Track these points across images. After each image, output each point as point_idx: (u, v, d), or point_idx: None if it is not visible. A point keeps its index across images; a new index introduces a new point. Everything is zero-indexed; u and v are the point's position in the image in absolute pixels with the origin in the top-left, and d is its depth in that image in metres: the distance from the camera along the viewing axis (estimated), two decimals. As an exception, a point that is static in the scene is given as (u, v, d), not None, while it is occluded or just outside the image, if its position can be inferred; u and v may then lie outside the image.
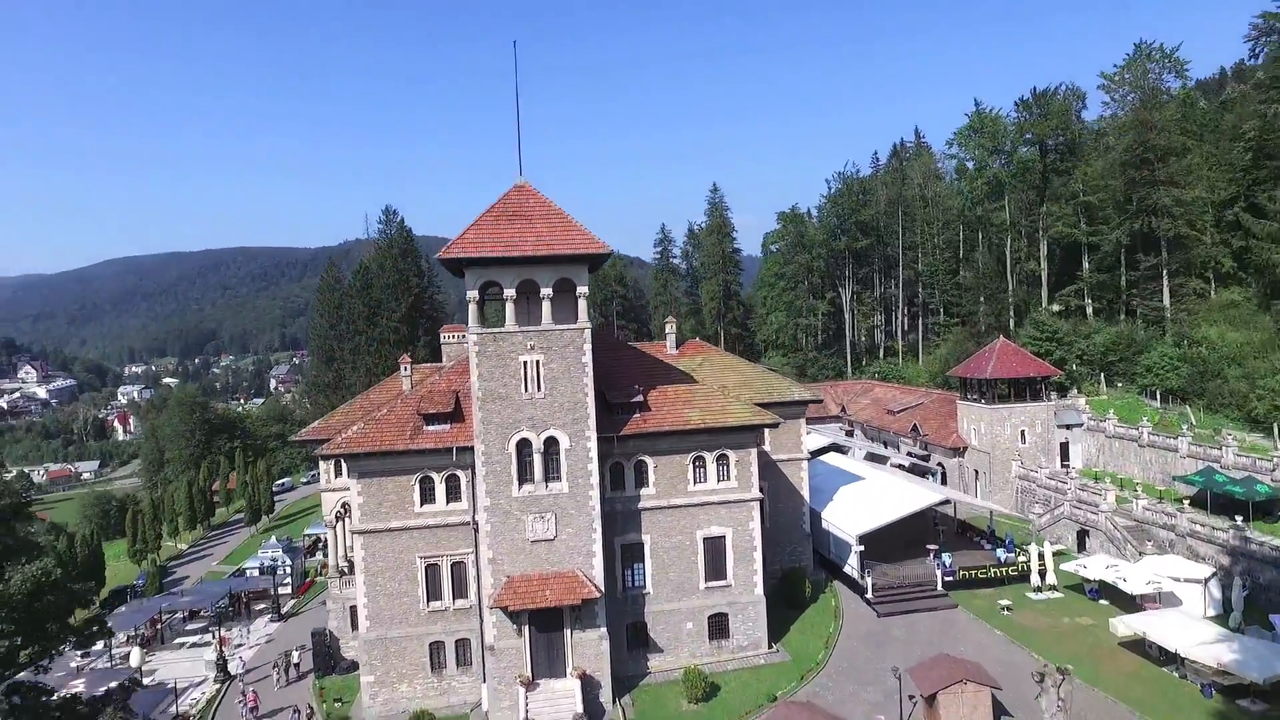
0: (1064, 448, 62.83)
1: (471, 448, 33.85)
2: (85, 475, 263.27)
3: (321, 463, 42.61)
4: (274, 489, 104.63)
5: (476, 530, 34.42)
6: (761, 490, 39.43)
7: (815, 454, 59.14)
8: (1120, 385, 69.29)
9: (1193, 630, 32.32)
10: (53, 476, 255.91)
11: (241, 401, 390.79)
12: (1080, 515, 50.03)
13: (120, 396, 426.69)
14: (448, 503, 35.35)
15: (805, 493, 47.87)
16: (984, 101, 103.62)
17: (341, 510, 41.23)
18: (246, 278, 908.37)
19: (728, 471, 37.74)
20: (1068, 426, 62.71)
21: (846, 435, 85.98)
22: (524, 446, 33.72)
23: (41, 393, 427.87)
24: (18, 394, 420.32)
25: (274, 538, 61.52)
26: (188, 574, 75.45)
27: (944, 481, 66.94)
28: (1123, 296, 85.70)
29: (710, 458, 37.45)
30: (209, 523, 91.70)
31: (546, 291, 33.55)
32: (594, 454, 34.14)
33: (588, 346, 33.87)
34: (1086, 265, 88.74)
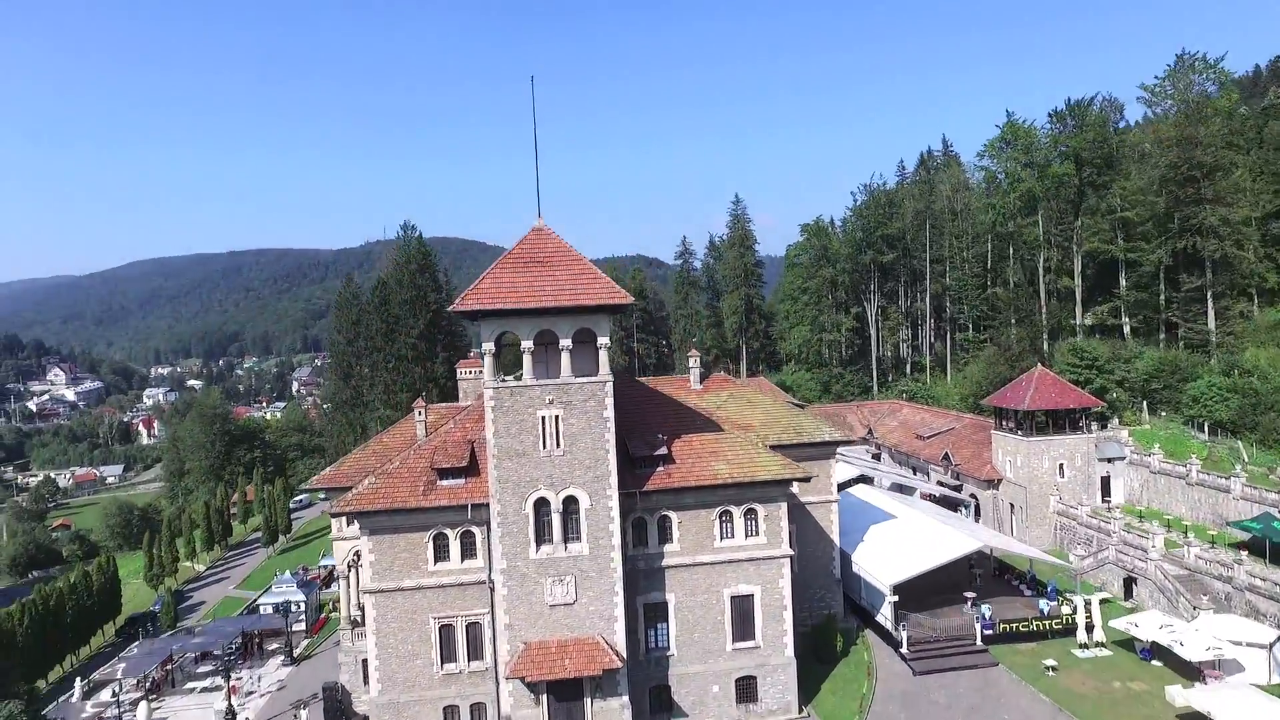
0: (1105, 482, 60.11)
1: (487, 504, 32.26)
2: (110, 479, 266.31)
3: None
4: (291, 506, 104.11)
5: (493, 590, 32.79)
6: (791, 538, 37.42)
7: (843, 486, 57.02)
8: (1164, 414, 66.32)
9: (1264, 713, 29.86)
10: (79, 480, 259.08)
11: (264, 405, 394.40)
12: (1127, 561, 47.45)
13: (146, 399, 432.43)
14: (463, 560, 33.76)
15: (835, 536, 45.76)
16: (1015, 112, 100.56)
17: (354, 559, 39.76)
18: (269, 279, 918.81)
19: (756, 526, 35.77)
20: (1109, 460, 59.98)
21: (873, 458, 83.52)
22: (542, 506, 32.03)
23: (70, 395, 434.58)
24: (46, 396, 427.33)
25: (288, 572, 60.40)
26: (204, 599, 74.79)
27: (977, 513, 64.51)
28: (1162, 314, 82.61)
29: (738, 512, 35.51)
30: (226, 542, 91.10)
31: (566, 343, 31.83)
32: (616, 514, 32.37)
33: (609, 400, 32.09)
34: (1124, 282, 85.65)
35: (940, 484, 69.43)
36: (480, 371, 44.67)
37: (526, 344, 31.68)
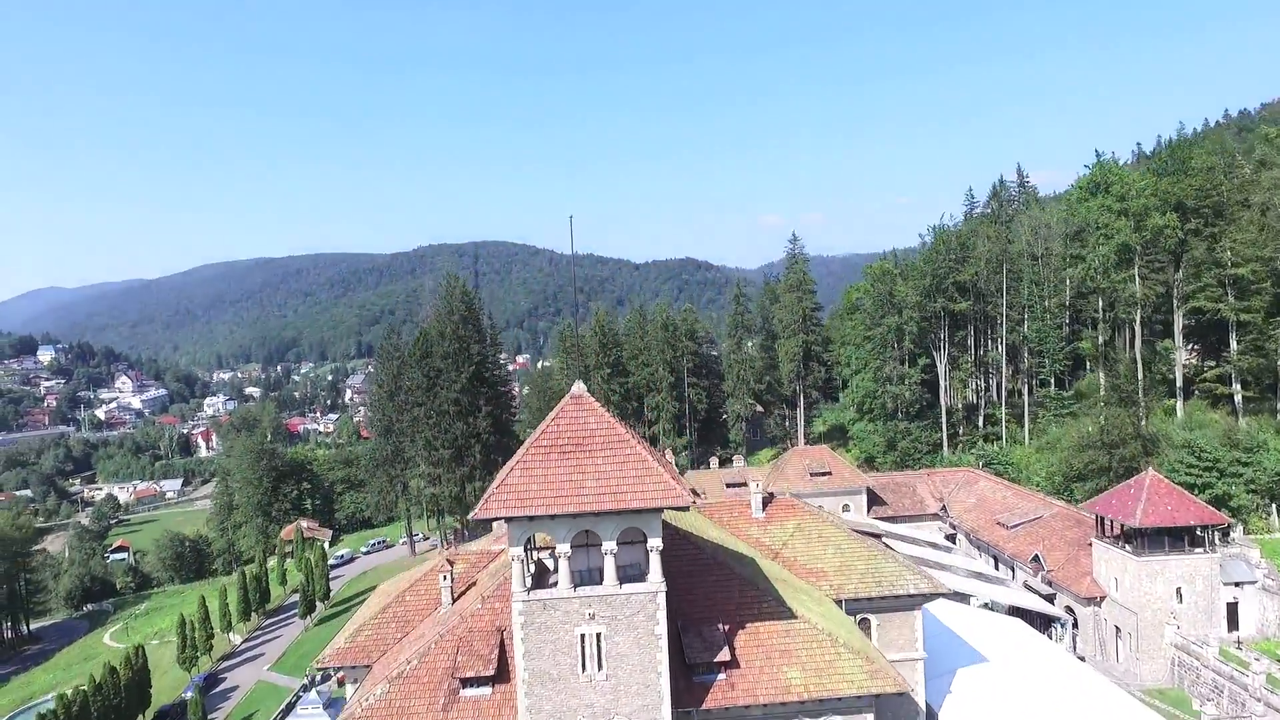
0: (1231, 609, 52.18)
1: (517, 724, 27.23)
2: (169, 494, 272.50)
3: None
4: (332, 563, 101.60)
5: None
6: None
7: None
8: (1298, 521, 57.88)
9: None
10: (139, 496, 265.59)
11: (318, 415, 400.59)
12: (1274, 738, 39.97)
13: (206, 407, 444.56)
14: (489, 781, 28.76)
15: (921, 700, 39.51)
16: (1104, 149, 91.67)
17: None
18: (325, 283, 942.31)
19: (836, 742, 29.95)
20: (1236, 584, 52.02)
21: (947, 539, 76.45)
22: (581, 740, 26.79)
23: (136, 402, 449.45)
24: (114, 403, 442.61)
25: (314, 690, 56.69)
26: (236, 683, 72.20)
27: (1075, 629, 57.12)
28: (1280, 382, 73.44)
29: (814, 726, 29.75)
30: (264, 609, 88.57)
31: (610, 545, 26.52)
32: (669, 748, 26.93)
33: (662, 615, 26.67)
34: (1235, 345, 76.52)
35: (1028, 586, 62.13)
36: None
37: (563, 548, 26.47)
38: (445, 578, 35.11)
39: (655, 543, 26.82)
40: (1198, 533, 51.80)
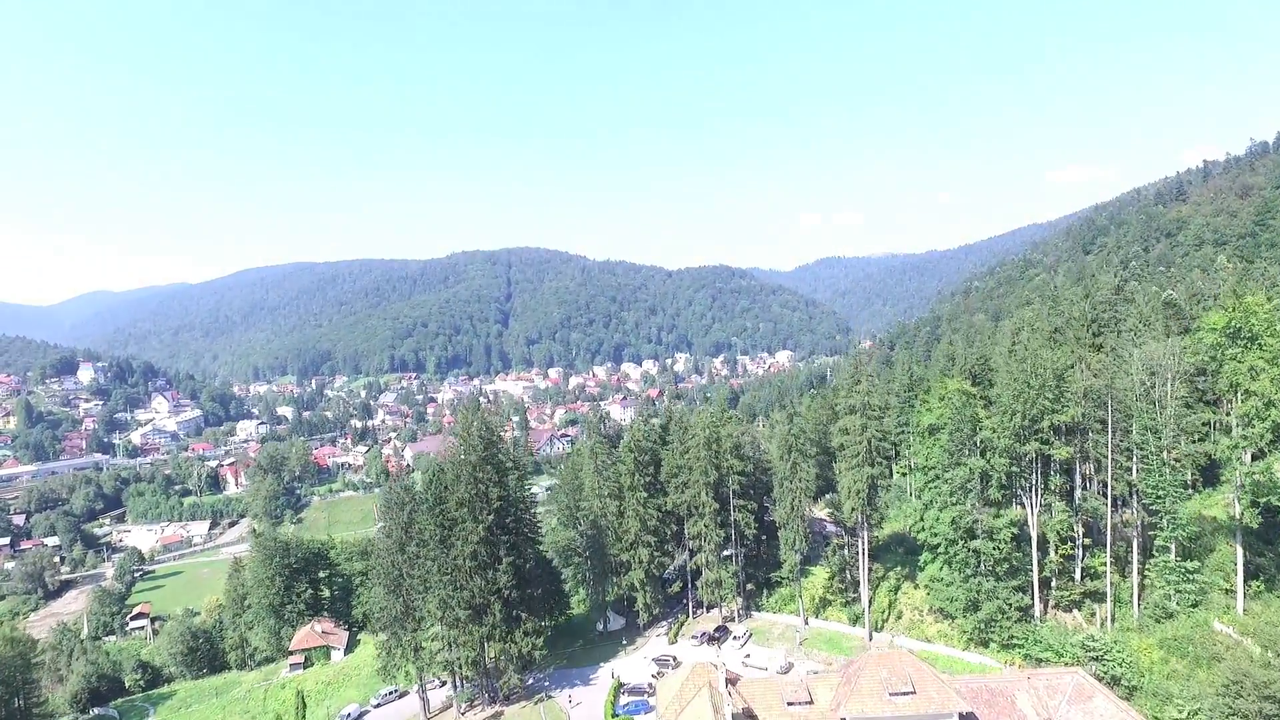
0: None
1: None
2: (195, 539, 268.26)
3: None
4: (341, 717, 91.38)
5: None
6: None
7: None
8: None
9: None
10: (165, 542, 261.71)
11: (348, 444, 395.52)
12: None
13: (239, 431, 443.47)
14: None
15: None
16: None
17: None
18: (360, 292, 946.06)
19: None
20: None
21: (1058, 782, 63.00)
22: None
23: (171, 425, 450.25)
24: (150, 426, 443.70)
25: None
26: None
27: None
28: None
29: None
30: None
31: None
32: None
33: None
34: None
35: None
36: None
37: None
38: None
39: None
40: None
